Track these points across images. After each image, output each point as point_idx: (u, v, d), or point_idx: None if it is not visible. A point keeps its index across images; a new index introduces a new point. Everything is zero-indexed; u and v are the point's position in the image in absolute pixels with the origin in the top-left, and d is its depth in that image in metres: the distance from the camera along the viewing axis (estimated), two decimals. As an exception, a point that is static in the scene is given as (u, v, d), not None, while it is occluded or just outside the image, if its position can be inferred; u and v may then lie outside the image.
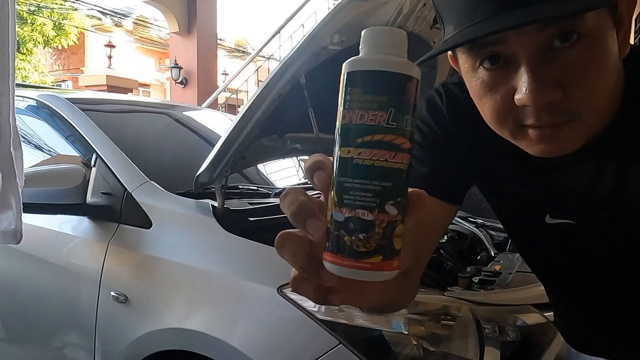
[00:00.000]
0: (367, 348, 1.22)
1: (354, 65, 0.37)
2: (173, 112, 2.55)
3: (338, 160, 0.38)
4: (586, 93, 0.52)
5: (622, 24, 0.56)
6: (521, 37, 0.51)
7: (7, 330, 1.89)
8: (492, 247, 2.00)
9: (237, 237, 1.45)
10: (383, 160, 0.36)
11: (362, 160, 0.36)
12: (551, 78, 0.52)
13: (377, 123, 0.36)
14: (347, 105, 0.37)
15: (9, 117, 1.13)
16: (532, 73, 0.51)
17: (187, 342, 1.38)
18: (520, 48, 0.52)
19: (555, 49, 0.51)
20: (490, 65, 0.55)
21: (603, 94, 0.54)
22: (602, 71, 0.53)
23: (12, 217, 1.18)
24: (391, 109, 0.36)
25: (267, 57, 7.16)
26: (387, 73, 0.36)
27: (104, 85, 12.88)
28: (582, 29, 0.50)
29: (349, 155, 0.37)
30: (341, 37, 1.41)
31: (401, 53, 0.38)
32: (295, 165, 2.55)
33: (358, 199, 0.37)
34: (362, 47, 0.38)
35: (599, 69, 0.52)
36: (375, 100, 0.36)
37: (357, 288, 0.43)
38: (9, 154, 1.14)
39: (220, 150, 1.49)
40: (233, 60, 17.57)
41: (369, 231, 0.37)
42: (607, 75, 0.53)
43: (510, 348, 1.26)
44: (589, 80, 0.52)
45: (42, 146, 1.99)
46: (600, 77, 0.53)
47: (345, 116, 0.37)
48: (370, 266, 0.37)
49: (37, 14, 13.56)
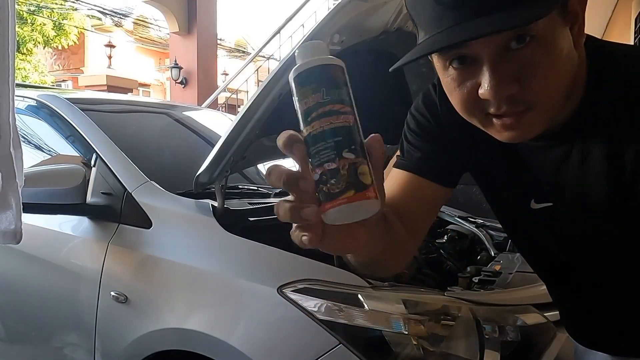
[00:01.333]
0: (367, 348, 1.22)
1: (292, 75, 0.52)
2: (173, 112, 2.55)
3: (304, 139, 0.50)
4: (540, 86, 0.60)
5: (576, 19, 0.63)
6: (482, 42, 0.59)
7: (7, 330, 1.89)
8: (492, 247, 2.00)
9: (237, 237, 1.45)
10: (328, 124, 0.48)
11: (315, 130, 0.49)
12: (509, 75, 0.60)
13: (316, 102, 0.49)
14: (298, 99, 0.51)
15: (8, 117, 1.13)
16: (492, 71, 0.60)
17: (187, 342, 1.38)
18: (482, 50, 0.60)
19: (512, 50, 0.59)
20: (458, 64, 0.63)
21: (556, 85, 0.62)
22: (554, 66, 0.60)
23: (12, 217, 1.18)
24: (322, 88, 0.49)
25: (267, 57, 7.16)
26: (310, 69, 0.50)
27: (104, 85, 12.87)
28: (534, 32, 0.58)
29: (308, 131, 0.49)
30: (341, 37, 1.41)
31: (317, 54, 0.51)
32: (295, 166, 2.55)
33: (323, 157, 0.48)
34: (298, 57, 0.52)
35: (550, 64, 0.60)
36: (310, 88, 0.50)
37: (344, 232, 0.52)
38: (8, 154, 1.14)
39: (220, 150, 1.49)
40: (233, 60, 17.57)
41: (337, 175, 0.48)
42: (559, 68, 0.61)
43: (510, 348, 1.26)
44: (542, 75, 0.60)
45: (42, 146, 1.99)
46: (552, 71, 0.60)
47: (299, 107, 0.50)
48: (346, 200, 0.47)
49: (37, 14, 13.56)
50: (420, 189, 0.82)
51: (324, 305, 1.26)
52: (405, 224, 0.78)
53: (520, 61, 0.59)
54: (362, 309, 1.25)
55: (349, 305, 1.26)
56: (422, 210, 0.83)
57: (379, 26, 1.53)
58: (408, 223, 0.79)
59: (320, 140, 0.48)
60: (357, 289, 1.28)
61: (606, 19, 6.24)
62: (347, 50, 1.47)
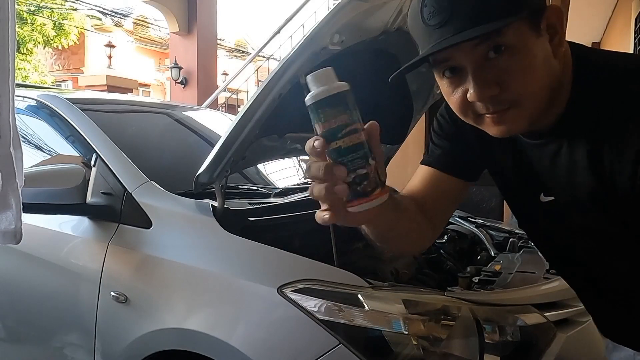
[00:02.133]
0: (367, 348, 1.22)
1: (311, 100, 0.63)
2: (173, 112, 2.55)
3: (334, 150, 0.63)
4: (517, 87, 0.71)
5: (555, 31, 0.73)
6: (465, 54, 0.71)
7: (7, 330, 1.89)
8: (492, 247, 2.00)
9: (237, 237, 1.45)
10: (356, 140, 0.63)
11: (345, 144, 0.63)
12: (489, 80, 0.71)
13: (343, 123, 0.63)
14: (322, 120, 0.63)
15: (8, 117, 1.13)
16: (475, 77, 0.71)
17: (187, 342, 1.38)
18: (465, 61, 0.72)
19: (490, 59, 0.70)
20: (450, 74, 0.75)
21: (533, 86, 0.72)
22: (527, 70, 0.71)
23: (12, 217, 1.18)
24: (347, 111, 0.63)
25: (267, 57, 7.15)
26: (332, 96, 0.63)
27: (104, 86, 12.86)
28: (507, 43, 0.69)
29: (338, 145, 0.63)
30: (341, 37, 1.41)
31: (331, 82, 0.64)
32: (295, 165, 2.55)
33: (355, 165, 0.63)
34: (311, 87, 0.64)
35: (523, 69, 0.70)
36: (335, 111, 0.63)
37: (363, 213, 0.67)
38: (8, 154, 1.14)
39: (220, 150, 1.49)
40: (233, 60, 17.57)
41: (368, 179, 0.64)
42: (533, 72, 0.71)
43: (510, 348, 1.26)
44: (518, 78, 0.70)
45: (42, 146, 1.99)
46: (526, 74, 0.71)
47: (324, 126, 0.63)
48: (375, 196, 0.65)
49: (37, 14, 13.57)
50: (439, 181, 0.95)
51: (324, 305, 1.26)
52: (425, 212, 0.92)
53: (497, 67, 0.70)
54: (362, 309, 1.25)
55: (349, 305, 1.26)
56: (440, 201, 0.96)
57: (379, 26, 1.53)
58: (428, 211, 0.93)
59: (351, 152, 0.63)
60: (357, 289, 1.28)
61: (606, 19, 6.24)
62: (347, 50, 1.47)
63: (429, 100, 2.12)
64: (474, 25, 0.68)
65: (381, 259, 1.75)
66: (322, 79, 0.63)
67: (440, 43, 0.69)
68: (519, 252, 1.90)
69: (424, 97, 2.12)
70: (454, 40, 0.68)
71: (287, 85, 1.43)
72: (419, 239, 0.96)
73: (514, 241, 1.99)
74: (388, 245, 0.91)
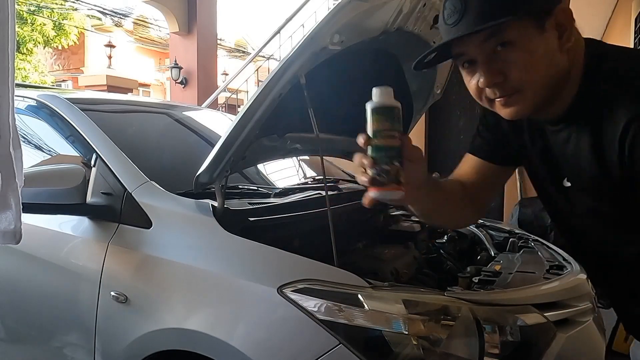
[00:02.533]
0: (367, 348, 1.22)
1: (371, 105, 0.84)
2: (173, 112, 2.55)
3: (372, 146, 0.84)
4: (519, 76, 0.84)
5: (563, 29, 0.84)
6: (476, 48, 0.85)
7: (7, 330, 1.89)
8: (492, 247, 2.00)
9: (237, 237, 1.44)
10: (390, 143, 0.83)
11: (380, 143, 0.83)
12: (495, 70, 0.85)
13: (385, 127, 0.84)
14: (372, 120, 0.84)
15: (8, 118, 1.13)
16: (483, 68, 0.86)
17: (187, 342, 1.38)
18: (477, 54, 0.86)
19: (497, 52, 0.84)
20: (467, 65, 0.90)
21: (533, 77, 0.84)
22: (528, 62, 0.83)
23: (12, 217, 1.18)
24: (390, 120, 0.84)
25: (267, 57, 7.15)
26: (387, 106, 0.84)
27: (104, 86, 12.86)
28: (510, 39, 0.82)
29: (375, 142, 0.84)
30: (341, 37, 1.40)
31: (389, 95, 0.84)
32: (295, 165, 2.55)
33: (382, 160, 0.83)
34: (374, 97, 0.84)
35: (524, 61, 0.83)
36: (383, 117, 0.84)
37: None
38: (8, 154, 1.14)
39: (220, 150, 1.49)
40: (233, 60, 17.57)
41: (388, 174, 0.83)
42: (533, 64, 0.83)
43: (510, 348, 1.26)
44: (519, 69, 0.83)
45: (42, 146, 1.99)
46: (527, 66, 0.83)
47: (372, 124, 0.84)
48: (390, 188, 0.83)
49: (37, 14, 13.57)
50: (480, 168, 1.12)
51: (324, 305, 1.26)
52: (469, 195, 1.10)
53: (502, 59, 0.84)
54: (362, 309, 1.25)
55: (349, 305, 1.26)
56: (481, 185, 1.12)
57: (379, 26, 1.53)
58: (471, 194, 1.11)
59: (382, 150, 0.83)
60: (357, 289, 1.28)
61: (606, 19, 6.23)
62: (347, 50, 1.47)
63: (429, 100, 2.13)
64: (481, 23, 0.81)
65: (381, 259, 1.75)
66: (384, 93, 0.84)
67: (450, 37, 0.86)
68: (519, 252, 1.90)
69: (424, 97, 2.12)
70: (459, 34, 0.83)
71: (287, 85, 1.43)
72: (461, 218, 1.19)
73: (514, 241, 1.99)
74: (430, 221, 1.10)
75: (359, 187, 2.42)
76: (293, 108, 1.52)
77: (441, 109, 4.97)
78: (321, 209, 1.71)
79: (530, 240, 2.06)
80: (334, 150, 2.31)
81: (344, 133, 2.19)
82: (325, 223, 1.42)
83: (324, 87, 1.53)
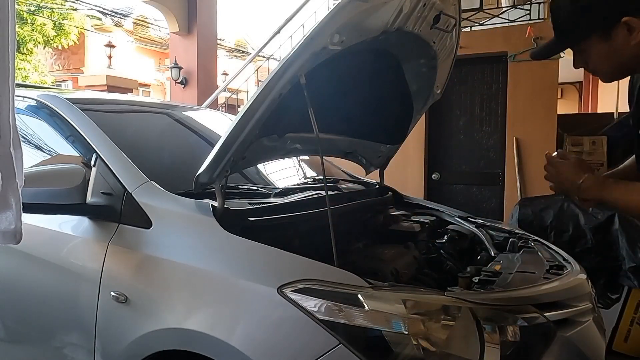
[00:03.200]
0: (367, 348, 1.22)
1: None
2: (173, 112, 2.55)
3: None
4: (592, 65, 1.28)
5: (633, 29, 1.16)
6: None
7: (7, 330, 1.89)
8: (492, 247, 2.00)
9: (237, 237, 1.44)
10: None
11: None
12: (578, 62, 1.31)
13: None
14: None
15: (8, 117, 1.13)
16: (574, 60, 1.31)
17: (187, 342, 1.38)
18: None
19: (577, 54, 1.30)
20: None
21: (601, 66, 1.26)
22: (596, 60, 1.25)
23: (12, 217, 1.18)
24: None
25: (267, 57, 7.15)
26: None
27: (104, 86, 12.84)
28: (581, 49, 1.27)
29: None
30: (341, 37, 1.41)
31: None
32: (295, 165, 2.55)
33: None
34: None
35: (592, 59, 1.26)
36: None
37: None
38: (8, 154, 1.14)
39: (220, 150, 1.49)
40: (233, 60, 17.57)
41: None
42: (599, 60, 1.25)
43: (510, 348, 1.26)
44: (590, 62, 1.27)
45: (42, 146, 1.99)
46: (595, 61, 1.26)
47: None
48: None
49: (37, 14, 13.57)
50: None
51: (324, 305, 1.26)
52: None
53: (582, 58, 1.29)
54: (362, 309, 1.25)
55: (349, 305, 1.26)
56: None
57: (379, 26, 1.53)
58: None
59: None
60: (357, 289, 1.28)
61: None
62: (347, 50, 1.47)
63: (429, 100, 2.13)
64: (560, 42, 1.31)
65: (381, 259, 1.75)
66: None
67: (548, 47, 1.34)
68: (519, 252, 1.90)
69: (424, 97, 2.12)
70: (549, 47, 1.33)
71: (287, 85, 1.43)
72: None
73: (514, 241, 1.99)
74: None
75: (359, 187, 2.43)
76: (293, 108, 1.53)
77: (441, 109, 4.97)
78: (321, 209, 1.72)
79: (530, 240, 2.07)
80: (334, 150, 2.32)
81: (344, 133, 2.20)
82: (325, 223, 1.42)
83: (324, 87, 1.53)
